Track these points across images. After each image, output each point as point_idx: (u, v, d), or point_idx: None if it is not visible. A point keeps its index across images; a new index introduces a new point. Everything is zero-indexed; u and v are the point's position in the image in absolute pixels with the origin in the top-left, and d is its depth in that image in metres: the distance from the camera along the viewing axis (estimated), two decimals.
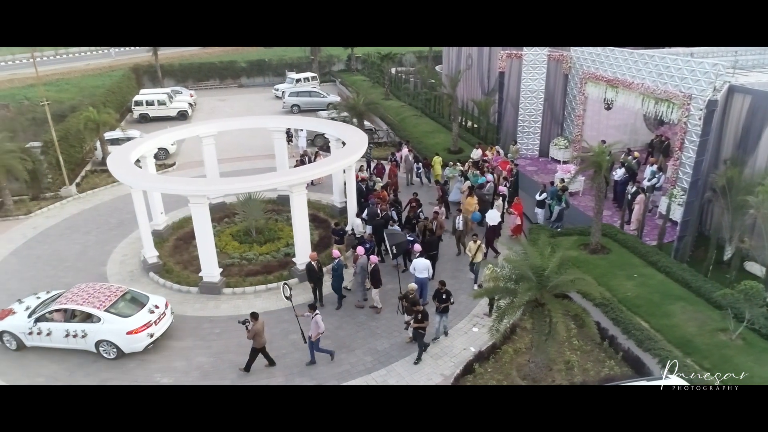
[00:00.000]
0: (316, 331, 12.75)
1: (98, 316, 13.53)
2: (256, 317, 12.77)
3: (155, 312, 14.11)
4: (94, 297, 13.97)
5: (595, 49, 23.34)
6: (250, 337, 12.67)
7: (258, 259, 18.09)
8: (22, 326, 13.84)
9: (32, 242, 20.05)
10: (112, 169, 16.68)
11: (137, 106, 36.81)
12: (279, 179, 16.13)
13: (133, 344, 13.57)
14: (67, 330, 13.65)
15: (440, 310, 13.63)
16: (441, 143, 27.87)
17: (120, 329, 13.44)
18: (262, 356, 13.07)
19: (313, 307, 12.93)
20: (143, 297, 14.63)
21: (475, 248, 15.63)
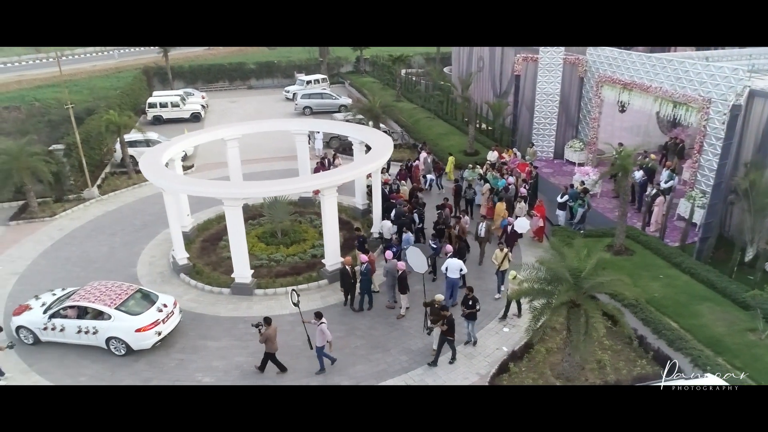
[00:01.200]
0: (322, 339, 12.96)
1: (109, 313, 13.96)
2: (269, 322, 13.03)
3: (163, 311, 14.50)
4: (105, 295, 14.44)
5: (611, 53, 23.67)
6: (261, 341, 12.95)
7: (286, 260, 18.37)
8: (38, 322, 14.32)
9: (60, 244, 20.31)
10: (145, 172, 16.98)
11: (151, 108, 37.07)
12: (312, 182, 16.45)
13: (142, 342, 13.96)
14: (79, 326, 14.10)
15: (466, 315, 13.87)
16: (456, 145, 28.16)
17: (129, 327, 13.87)
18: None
19: (319, 315, 13.07)
20: (153, 295, 15.04)
21: (502, 256, 15.83)
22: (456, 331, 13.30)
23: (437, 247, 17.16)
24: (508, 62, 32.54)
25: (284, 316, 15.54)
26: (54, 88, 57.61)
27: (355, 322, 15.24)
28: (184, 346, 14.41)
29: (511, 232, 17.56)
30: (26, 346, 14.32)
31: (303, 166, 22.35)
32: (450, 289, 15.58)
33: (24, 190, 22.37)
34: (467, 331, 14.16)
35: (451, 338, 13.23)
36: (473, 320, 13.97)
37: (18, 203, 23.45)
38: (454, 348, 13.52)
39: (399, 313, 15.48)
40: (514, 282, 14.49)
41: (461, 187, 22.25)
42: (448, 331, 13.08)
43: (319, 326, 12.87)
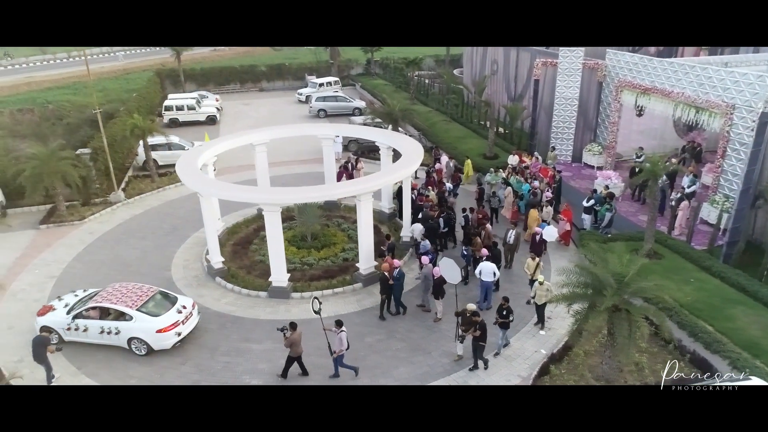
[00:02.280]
0: (339, 347, 13.21)
1: (130, 314, 14.32)
2: (295, 327, 13.31)
3: (183, 312, 14.88)
4: (126, 296, 14.85)
5: (632, 58, 24.02)
6: (286, 345, 13.23)
7: (318, 263, 18.66)
8: (62, 322, 14.70)
9: (92, 247, 20.58)
10: (183, 178, 17.28)
11: (167, 111, 37.33)
12: (349, 188, 16.73)
13: (162, 342, 14.34)
14: (101, 327, 14.49)
15: (499, 324, 14.10)
16: (475, 149, 28.45)
17: (150, 327, 14.24)
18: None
19: (339, 323, 13.31)
20: (172, 297, 15.42)
21: (534, 266, 16.04)
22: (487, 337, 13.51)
23: (467, 253, 17.38)
24: (523, 65, 32.92)
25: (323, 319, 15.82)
26: (64, 89, 57.93)
27: (394, 326, 15.54)
28: (228, 349, 14.70)
29: (539, 239, 17.76)
30: (73, 348, 14.58)
31: (329, 170, 22.67)
32: (484, 292, 15.90)
33: (53, 194, 22.62)
34: (499, 341, 14.29)
35: (483, 344, 13.39)
36: (506, 329, 14.21)
37: (45, 207, 23.70)
38: (482, 358, 13.61)
39: (435, 317, 15.77)
40: (541, 288, 14.78)
41: (484, 190, 22.60)
42: (480, 337, 13.29)
43: (338, 334, 13.12)
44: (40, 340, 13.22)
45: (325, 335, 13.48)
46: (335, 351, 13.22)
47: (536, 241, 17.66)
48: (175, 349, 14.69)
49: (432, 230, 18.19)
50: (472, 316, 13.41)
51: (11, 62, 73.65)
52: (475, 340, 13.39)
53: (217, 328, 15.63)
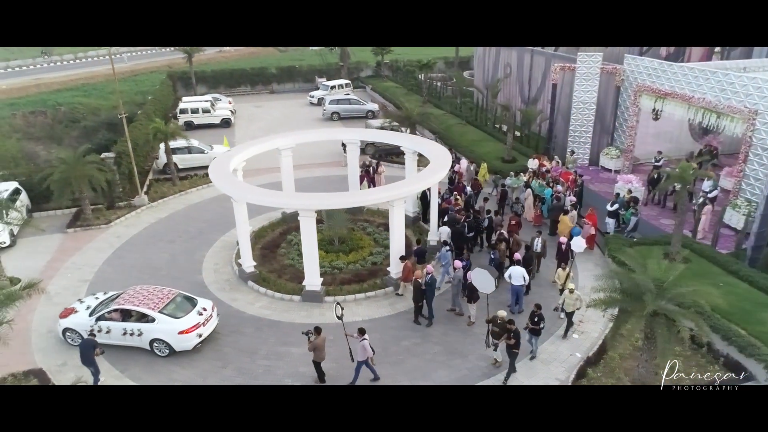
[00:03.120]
0: (364, 354, 13.41)
1: (153, 316, 14.62)
2: (319, 332, 13.57)
3: (203, 314, 15.21)
4: (148, 299, 15.18)
5: (651, 63, 24.30)
6: (310, 349, 13.48)
7: (347, 267, 18.89)
8: (84, 324, 14.98)
9: (121, 251, 20.81)
10: (217, 183, 17.52)
11: (182, 114, 37.50)
12: (384, 194, 16.95)
13: (184, 343, 14.68)
14: (124, 328, 14.80)
15: (530, 330, 14.29)
16: (492, 152, 28.70)
17: (172, 329, 14.57)
18: None
19: (362, 331, 13.49)
20: (192, 300, 15.71)
21: (565, 276, 16.15)
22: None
23: (495, 257, 17.59)
24: (538, 69, 33.18)
25: (357, 323, 16.02)
26: (73, 91, 58.14)
27: (429, 330, 15.79)
28: (267, 352, 14.93)
29: (565, 249, 17.65)
30: (116, 352, 14.79)
31: (353, 174, 22.92)
32: (515, 295, 16.14)
33: (79, 197, 22.82)
34: (532, 345, 14.50)
35: (516, 351, 13.54)
36: (537, 336, 14.41)
37: (71, 210, 23.91)
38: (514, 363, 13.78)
39: (469, 320, 16.01)
40: (571, 297, 14.97)
41: (506, 192, 22.86)
42: (514, 345, 13.42)
43: (361, 342, 13.32)
44: (89, 343, 13.45)
45: (347, 341, 13.69)
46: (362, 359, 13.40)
47: (562, 249, 17.69)
48: (215, 353, 14.96)
49: (458, 234, 18.42)
50: (506, 324, 13.57)
51: (19, 63, 73.75)
52: (509, 348, 13.53)
53: (253, 331, 15.87)
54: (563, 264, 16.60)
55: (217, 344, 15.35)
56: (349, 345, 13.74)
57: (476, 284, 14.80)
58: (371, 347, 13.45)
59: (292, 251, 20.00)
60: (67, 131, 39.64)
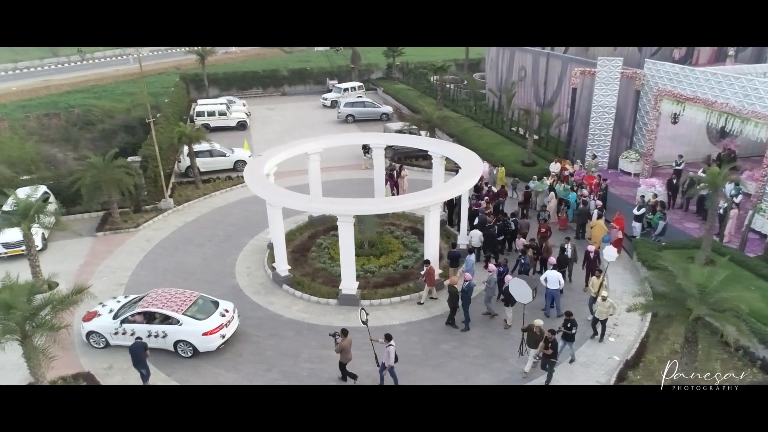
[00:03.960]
0: (389, 361, 13.62)
1: (177, 318, 14.93)
2: (346, 334, 13.88)
3: (226, 315, 15.55)
4: (171, 301, 15.52)
5: (672, 68, 24.59)
6: (337, 350, 13.79)
7: (380, 271, 19.12)
8: (109, 327, 15.31)
9: (152, 255, 21.02)
10: (254, 188, 17.77)
11: (199, 117, 37.69)
12: (420, 200, 17.19)
13: (208, 344, 15.01)
14: (149, 331, 15.07)
15: (563, 335, 14.46)
16: (511, 155, 28.95)
17: (197, 331, 14.92)
18: None
19: (389, 337, 13.70)
20: (213, 302, 16.03)
21: (598, 284, 16.17)
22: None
23: (526, 261, 17.79)
24: (554, 72, 33.45)
25: (394, 326, 16.37)
26: (83, 93, 58.30)
27: (466, 333, 16.03)
28: (310, 355, 15.17)
29: (593, 257, 17.59)
30: (161, 356, 15.01)
31: (380, 177, 23.18)
32: (550, 299, 16.38)
33: (108, 201, 23.03)
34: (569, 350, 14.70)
35: (554, 360, 13.70)
36: (571, 341, 14.59)
37: (97, 214, 24.12)
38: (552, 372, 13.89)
39: (505, 324, 16.25)
40: (603, 305, 15.10)
41: (530, 194, 23.12)
42: (552, 354, 13.56)
43: (387, 348, 13.54)
44: (140, 346, 13.71)
45: (372, 345, 13.93)
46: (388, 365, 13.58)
47: (590, 258, 17.60)
48: (258, 356, 15.20)
49: (490, 238, 18.67)
50: (544, 333, 13.66)
51: (26, 65, 73.86)
52: (546, 357, 13.65)
53: (294, 335, 16.10)
54: (597, 272, 16.62)
55: (259, 347, 15.58)
56: (374, 349, 14.01)
57: (514, 293, 14.90)
58: (396, 355, 13.59)
59: (323, 255, 20.24)
60: (83, 134, 39.86)
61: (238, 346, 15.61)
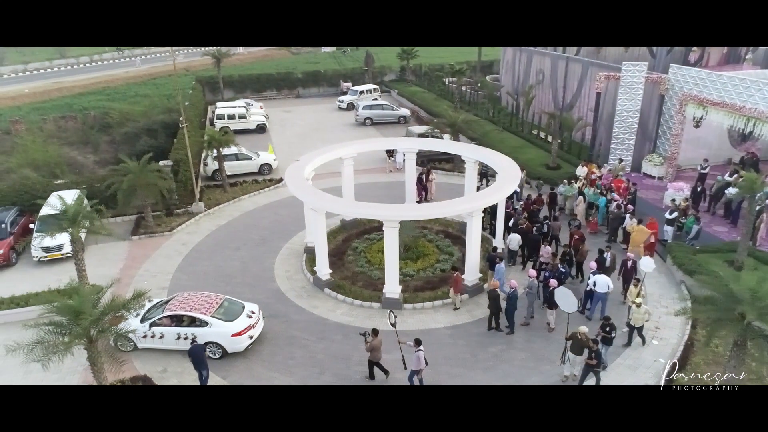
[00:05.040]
0: (418, 365, 13.84)
1: (206, 320, 15.29)
2: (376, 333, 14.26)
3: (252, 317, 15.95)
4: (198, 304, 15.88)
5: (698, 73, 24.90)
6: (367, 349, 14.16)
7: (418, 274, 19.38)
8: (138, 330, 15.42)
9: (190, 258, 21.26)
10: (298, 194, 18.05)
11: (219, 120, 37.90)
12: (463, 206, 17.49)
13: (236, 345, 15.39)
14: (178, 333, 15.43)
15: (601, 339, 14.64)
16: (535, 159, 29.22)
17: (226, 332, 15.30)
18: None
19: (418, 342, 13.92)
20: (238, 304, 16.40)
21: (636, 293, 16.26)
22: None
23: (566, 270, 17.89)
24: (573, 76, 33.78)
25: (440, 330, 16.66)
26: (95, 95, 58.48)
27: (511, 336, 16.29)
28: (360, 358, 15.38)
29: (630, 266, 17.54)
30: (214, 360, 15.25)
31: (410, 182, 23.47)
32: (597, 302, 16.62)
33: (143, 205, 23.25)
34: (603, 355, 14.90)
35: (598, 369, 13.90)
36: (608, 345, 14.83)
37: (129, 218, 24.35)
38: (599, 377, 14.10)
39: (549, 327, 16.52)
40: (639, 312, 15.27)
41: (556, 194, 23.40)
42: (596, 364, 13.74)
43: (416, 352, 13.77)
44: (201, 347, 14.10)
45: (400, 348, 14.20)
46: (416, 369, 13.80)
47: (627, 267, 17.60)
48: (309, 359, 15.46)
49: (533, 242, 18.93)
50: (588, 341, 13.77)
51: (36, 66, 73.96)
52: (589, 367, 13.79)
53: (342, 338, 16.34)
54: (634, 281, 16.70)
55: (309, 351, 15.83)
56: (402, 353, 14.28)
57: (559, 302, 14.93)
58: (425, 360, 13.81)
59: (360, 258, 20.50)
60: (101, 136, 40.06)
61: (289, 350, 15.87)
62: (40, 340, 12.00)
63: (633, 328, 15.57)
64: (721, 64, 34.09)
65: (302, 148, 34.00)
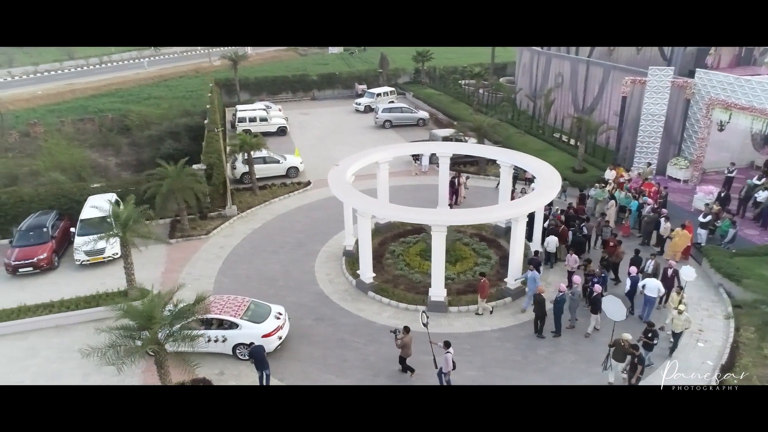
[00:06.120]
0: (447, 367, 14.16)
1: (236, 323, 15.64)
2: (408, 331, 14.79)
3: (280, 318, 16.37)
4: (228, 307, 16.25)
5: (726, 78, 25.22)
6: (399, 346, 14.64)
7: (459, 278, 19.66)
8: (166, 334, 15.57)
9: (229, 262, 21.51)
10: (345, 199, 18.35)
11: (240, 123, 38.14)
12: (508, 211, 17.86)
13: (267, 346, 15.47)
14: (208, 336, 15.67)
15: (643, 344, 14.85)
16: (560, 162, 29.28)
17: (256, 334, 15.59)
18: None
19: (447, 344, 14.23)
20: (265, 306, 16.77)
21: (678, 300, 16.40)
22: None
23: (605, 275, 18.13)
24: (594, 79, 34.10)
25: (487, 332, 16.95)
26: (108, 97, 58.73)
27: (558, 339, 16.58)
28: (412, 362, 15.63)
29: (672, 274, 17.60)
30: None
31: (444, 185, 23.78)
32: (648, 305, 16.87)
33: (180, 209, 23.51)
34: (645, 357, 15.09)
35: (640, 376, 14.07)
36: (649, 350, 15.04)
37: (164, 221, 24.57)
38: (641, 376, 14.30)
39: (593, 329, 16.79)
40: (679, 318, 15.46)
41: (585, 195, 23.74)
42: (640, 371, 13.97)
43: (445, 354, 14.12)
44: (261, 348, 14.51)
45: (431, 348, 14.61)
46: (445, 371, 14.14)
47: (668, 275, 17.57)
48: (362, 362, 15.72)
49: (579, 244, 19.25)
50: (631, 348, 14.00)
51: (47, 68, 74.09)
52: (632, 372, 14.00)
53: (391, 341, 16.46)
54: (677, 288, 16.91)
55: (361, 353, 16.11)
56: (434, 352, 14.69)
57: (606, 310, 15.04)
58: (453, 362, 14.14)
59: (399, 262, 20.77)
60: (121, 139, 40.29)
61: (341, 352, 16.15)
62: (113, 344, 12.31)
63: (673, 333, 15.73)
64: (732, 66, 34.32)
65: (324, 151, 34.48)
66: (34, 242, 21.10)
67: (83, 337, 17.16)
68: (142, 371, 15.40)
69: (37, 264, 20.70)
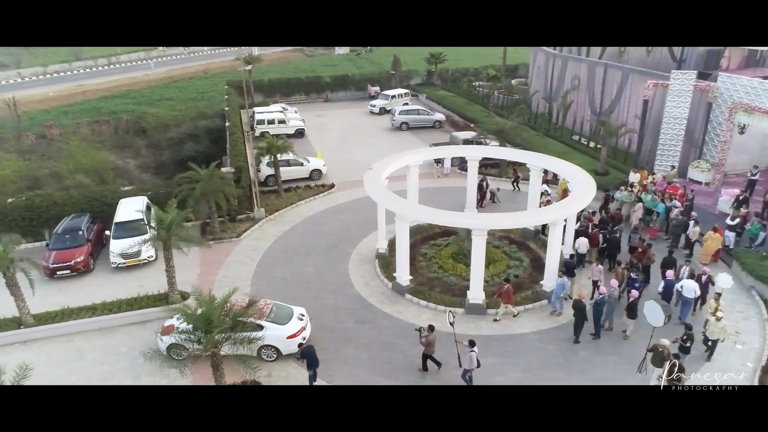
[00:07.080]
0: (470, 365, 14.51)
1: (261, 324, 15.83)
2: (432, 329, 15.25)
3: (303, 319, 16.79)
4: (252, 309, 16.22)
5: (749, 82, 25.50)
6: (423, 343, 15.07)
7: (493, 280, 19.89)
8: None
9: (264, 265, 21.73)
10: (383, 203, 18.59)
11: (259, 125, 38.33)
12: (542, 216, 18.17)
13: (291, 347, 16.02)
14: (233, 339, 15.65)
15: (678, 347, 15.11)
16: (582, 164, 28.78)
17: (281, 335, 16.02)
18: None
19: (472, 343, 14.54)
20: (287, 308, 17.12)
21: (715, 306, 16.47)
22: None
23: (636, 278, 18.35)
24: (612, 82, 34.37)
25: (527, 335, 17.21)
26: (120, 98, 58.92)
27: (599, 341, 16.83)
28: (456, 363, 15.90)
29: (706, 281, 17.71)
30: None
31: (472, 189, 24.07)
32: (686, 307, 17.11)
33: (211, 211, 23.72)
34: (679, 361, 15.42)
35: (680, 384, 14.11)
36: (686, 353, 15.27)
37: (193, 224, 24.74)
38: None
39: (625, 334, 16.98)
40: (716, 325, 15.60)
41: (610, 196, 24.00)
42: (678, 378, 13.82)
43: (469, 353, 14.45)
44: (311, 347, 14.87)
45: (456, 347, 15.03)
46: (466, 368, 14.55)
47: (702, 281, 17.65)
48: (410, 364, 15.96)
49: (614, 244, 19.51)
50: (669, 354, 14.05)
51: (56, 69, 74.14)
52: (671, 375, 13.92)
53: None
54: (715, 294, 16.98)
55: (406, 356, 16.34)
56: (458, 351, 15.06)
57: (647, 316, 15.04)
58: (478, 360, 14.50)
59: (433, 264, 21.02)
60: (138, 141, 40.47)
61: (386, 355, 16.39)
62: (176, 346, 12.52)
63: (709, 340, 15.87)
64: (742, 67, 34.60)
65: (345, 154, 34.74)
66: (70, 245, 21.31)
67: (126, 338, 17.49)
68: (191, 373, 15.60)
69: (74, 267, 20.91)
